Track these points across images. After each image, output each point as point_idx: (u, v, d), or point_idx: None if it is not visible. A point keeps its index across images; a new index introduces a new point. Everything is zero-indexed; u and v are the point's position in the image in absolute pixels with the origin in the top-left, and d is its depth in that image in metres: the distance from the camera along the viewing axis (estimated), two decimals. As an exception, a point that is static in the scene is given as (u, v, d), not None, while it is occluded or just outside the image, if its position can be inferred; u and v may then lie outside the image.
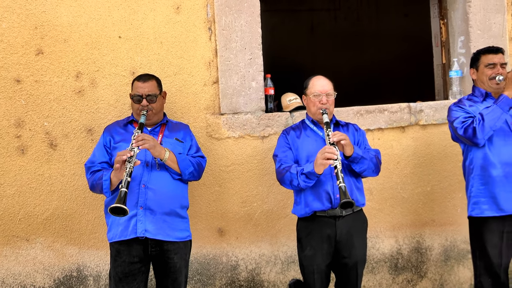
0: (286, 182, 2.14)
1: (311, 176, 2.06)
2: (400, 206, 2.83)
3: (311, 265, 2.14)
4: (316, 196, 2.14)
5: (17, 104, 2.50)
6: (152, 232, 2.09)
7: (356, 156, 2.10)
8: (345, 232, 2.14)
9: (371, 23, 5.71)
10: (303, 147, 2.20)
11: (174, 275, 2.14)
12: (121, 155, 2.00)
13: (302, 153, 2.20)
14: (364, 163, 2.12)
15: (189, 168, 2.15)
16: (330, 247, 2.14)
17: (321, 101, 2.17)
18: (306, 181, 2.08)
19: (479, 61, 2.33)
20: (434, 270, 2.87)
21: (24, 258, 2.53)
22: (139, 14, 2.58)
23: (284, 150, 2.22)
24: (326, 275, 2.18)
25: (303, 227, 2.21)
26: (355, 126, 2.32)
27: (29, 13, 2.50)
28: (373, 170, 2.17)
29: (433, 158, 2.84)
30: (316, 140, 2.20)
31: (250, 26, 2.65)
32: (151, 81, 2.22)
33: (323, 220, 2.14)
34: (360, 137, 2.28)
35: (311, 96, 2.20)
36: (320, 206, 2.13)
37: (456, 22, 2.99)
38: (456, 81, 2.90)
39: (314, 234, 2.15)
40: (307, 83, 2.25)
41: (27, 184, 2.52)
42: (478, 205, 2.27)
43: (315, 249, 2.14)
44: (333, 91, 2.22)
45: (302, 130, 2.26)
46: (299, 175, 2.08)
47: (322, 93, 2.18)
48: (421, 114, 2.81)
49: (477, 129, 2.18)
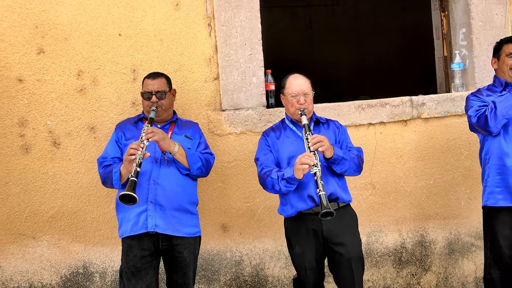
0: (268, 187, 2.12)
1: (292, 181, 2.05)
2: (403, 200, 2.82)
3: (302, 262, 2.14)
4: (300, 197, 2.13)
5: (20, 103, 2.52)
6: (162, 227, 2.12)
7: (336, 158, 2.07)
8: (332, 228, 2.11)
9: (369, 17, 5.68)
10: (284, 148, 2.18)
11: (184, 270, 2.17)
12: (131, 147, 2.02)
13: (283, 155, 2.18)
14: (345, 164, 2.09)
15: (197, 163, 2.17)
16: (318, 243, 2.13)
17: (298, 101, 2.13)
18: (287, 186, 2.06)
19: (501, 50, 2.30)
20: (438, 263, 2.86)
21: (31, 256, 2.56)
22: (139, 11, 2.58)
23: (265, 153, 2.20)
24: (319, 270, 2.17)
25: (290, 226, 2.20)
26: (336, 123, 2.28)
27: (29, 12, 2.51)
28: (354, 170, 2.15)
29: (435, 152, 2.83)
30: (296, 140, 2.18)
31: (249, 22, 2.65)
32: (160, 78, 2.27)
33: (308, 217, 2.13)
34: (342, 135, 2.24)
35: (289, 97, 2.17)
36: (304, 206, 2.12)
37: (458, 14, 2.96)
38: (458, 74, 2.88)
39: (301, 232, 2.14)
40: (284, 82, 2.22)
41: (32, 183, 2.54)
42: (492, 194, 2.25)
43: (303, 246, 2.14)
44: (311, 89, 2.18)
45: (282, 131, 2.23)
46: (280, 180, 2.06)
47: (300, 93, 2.14)
48: (423, 107, 2.80)
49: (488, 117, 2.15)
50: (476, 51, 2.86)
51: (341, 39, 5.54)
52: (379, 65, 5.47)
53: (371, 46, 5.52)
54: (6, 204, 2.53)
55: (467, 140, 2.83)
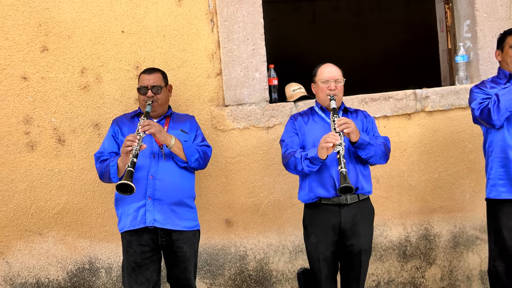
0: (290, 167, 2.14)
1: (315, 161, 2.07)
2: (408, 194, 2.82)
3: (316, 253, 2.16)
4: (320, 182, 2.14)
5: (25, 101, 2.54)
6: (160, 222, 2.13)
7: (362, 142, 2.09)
8: (350, 220, 2.14)
9: (373, 11, 5.64)
10: (310, 132, 2.21)
11: (184, 264, 2.18)
12: (128, 139, 2.03)
13: (308, 139, 2.20)
14: (371, 150, 2.10)
15: (194, 155, 2.18)
16: (335, 235, 2.15)
17: (329, 87, 2.17)
18: (310, 166, 2.08)
19: (505, 41, 2.28)
20: (443, 257, 2.86)
21: (38, 252, 2.59)
22: (141, 7, 2.58)
23: (291, 135, 2.23)
24: (333, 263, 2.19)
25: (308, 215, 2.22)
26: (365, 113, 2.31)
27: (33, 10, 2.52)
28: (380, 157, 2.15)
29: (440, 145, 2.82)
30: (324, 126, 2.20)
31: (252, 17, 2.65)
32: (156, 73, 2.28)
33: (327, 208, 2.14)
34: (369, 124, 2.27)
35: (320, 83, 2.20)
36: (324, 193, 2.14)
37: (462, 5, 2.93)
38: (462, 66, 2.86)
39: (319, 222, 2.16)
40: (316, 70, 2.26)
41: (37, 180, 2.56)
42: (495, 187, 2.25)
43: (319, 236, 2.15)
44: (342, 77, 2.21)
45: (310, 116, 2.27)
46: (303, 160, 2.08)
47: (331, 79, 2.18)
48: (427, 100, 2.78)
49: (491, 109, 2.14)
50: (480, 43, 2.84)
51: (345, 34, 5.51)
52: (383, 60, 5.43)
53: (375, 41, 5.49)
54: (13, 201, 2.56)
55: (472, 133, 2.81)
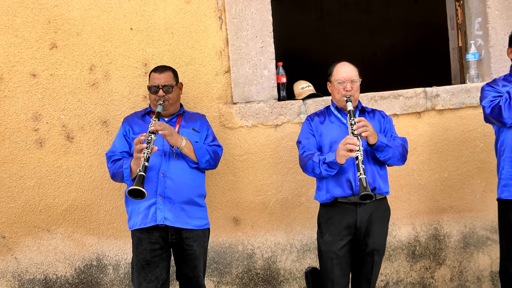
0: (308, 170, 2.13)
1: (333, 166, 2.05)
2: (417, 193, 2.79)
3: (329, 251, 2.13)
4: (338, 183, 2.12)
5: (34, 98, 2.55)
6: (171, 220, 2.13)
7: (380, 145, 2.06)
8: (366, 219, 2.12)
9: (381, 9, 5.60)
10: (327, 133, 2.19)
11: (194, 262, 2.18)
12: (139, 143, 2.03)
13: (325, 140, 2.18)
14: (389, 152, 2.08)
15: (205, 156, 2.18)
16: (349, 234, 2.13)
17: (345, 88, 2.14)
18: (328, 170, 2.07)
19: None
20: (453, 257, 2.83)
21: (46, 248, 2.60)
22: (150, 5, 2.58)
23: (307, 136, 2.21)
24: (346, 262, 2.15)
25: (323, 213, 2.20)
26: (382, 113, 2.27)
27: (42, 7, 2.53)
28: (398, 159, 2.13)
29: (450, 144, 2.79)
30: (340, 127, 2.18)
31: (260, 14, 2.63)
32: (167, 72, 2.26)
33: (344, 206, 2.12)
34: (386, 124, 2.24)
35: (335, 83, 2.18)
36: (341, 192, 2.12)
37: (473, 3, 2.89)
38: (473, 64, 2.82)
39: (334, 220, 2.14)
40: (331, 70, 2.23)
41: (46, 176, 2.58)
42: (508, 187, 2.21)
43: (333, 235, 2.13)
44: (358, 77, 2.18)
45: (327, 116, 2.24)
46: (321, 164, 2.07)
47: (347, 80, 2.15)
48: (437, 99, 2.75)
49: (502, 107, 2.12)
50: (492, 40, 2.79)
51: (353, 31, 5.48)
52: (391, 57, 5.39)
53: (383, 38, 5.44)
54: (21, 198, 2.57)
55: (483, 132, 2.77)
